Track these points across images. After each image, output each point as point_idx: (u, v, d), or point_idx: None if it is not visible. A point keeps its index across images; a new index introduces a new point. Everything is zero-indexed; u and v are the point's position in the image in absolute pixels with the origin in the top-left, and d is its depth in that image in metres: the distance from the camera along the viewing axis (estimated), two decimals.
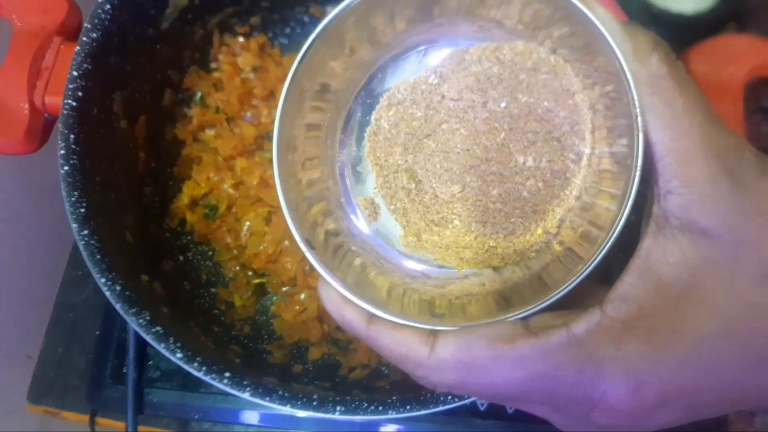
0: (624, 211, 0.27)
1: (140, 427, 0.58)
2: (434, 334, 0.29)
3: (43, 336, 0.66)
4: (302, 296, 0.56)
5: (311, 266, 0.31)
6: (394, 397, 0.39)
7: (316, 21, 0.65)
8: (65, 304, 0.67)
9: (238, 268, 0.57)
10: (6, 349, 0.66)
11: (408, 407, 0.38)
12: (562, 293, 0.28)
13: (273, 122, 0.60)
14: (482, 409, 0.58)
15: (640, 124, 0.26)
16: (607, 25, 0.27)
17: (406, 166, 0.35)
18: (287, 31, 0.65)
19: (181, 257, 0.57)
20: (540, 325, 0.28)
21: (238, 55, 0.62)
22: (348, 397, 0.39)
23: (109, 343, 0.60)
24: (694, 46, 0.49)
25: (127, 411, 0.55)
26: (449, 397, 0.38)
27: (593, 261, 0.27)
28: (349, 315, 0.31)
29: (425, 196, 0.34)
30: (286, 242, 0.57)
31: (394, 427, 0.57)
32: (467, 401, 0.38)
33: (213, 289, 0.57)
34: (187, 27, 0.57)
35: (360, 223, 0.36)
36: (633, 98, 0.26)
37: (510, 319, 0.28)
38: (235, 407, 0.57)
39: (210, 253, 0.58)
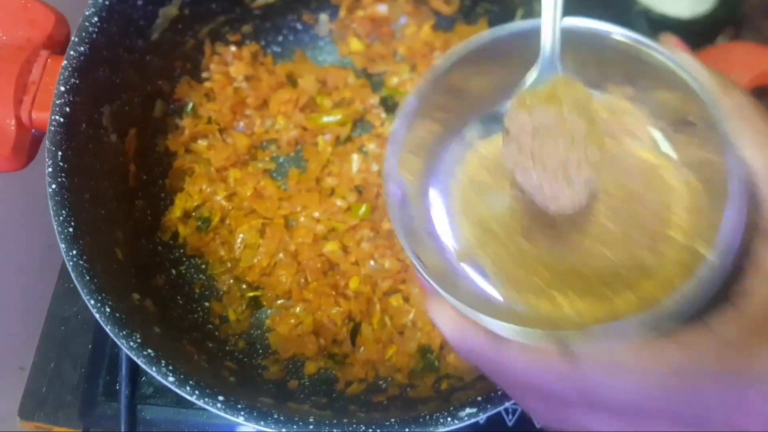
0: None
1: None
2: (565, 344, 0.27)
3: (34, 349, 0.65)
4: (297, 309, 0.55)
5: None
6: (392, 419, 0.38)
7: (308, 28, 0.64)
8: (56, 317, 0.66)
9: (231, 281, 0.56)
10: None
11: (406, 430, 0.38)
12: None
13: (266, 132, 0.60)
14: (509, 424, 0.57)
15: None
16: (693, 67, 0.29)
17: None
18: (280, 39, 0.64)
19: (173, 271, 0.56)
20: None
21: (230, 64, 0.61)
22: (345, 420, 0.38)
23: (101, 359, 0.59)
24: (693, 52, 0.48)
25: (120, 429, 0.55)
26: (449, 418, 0.38)
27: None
28: (474, 337, 0.28)
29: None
30: (281, 255, 0.56)
31: None
32: (469, 422, 0.37)
33: (206, 303, 0.56)
34: (178, 37, 0.56)
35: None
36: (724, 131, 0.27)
37: (637, 321, 0.27)
38: (231, 422, 0.56)
39: (203, 266, 0.57)
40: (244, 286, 0.56)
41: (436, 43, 0.61)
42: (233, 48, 0.61)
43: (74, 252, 0.40)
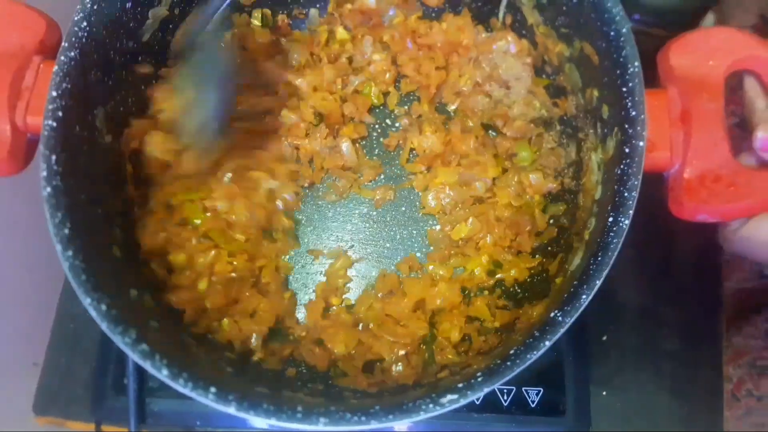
0: None
1: None
2: None
3: (46, 346, 0.68)
4: None
5: None
6: (377, 407, 0.39)
7: (299, 23, 0.65)
8: (66, 314, 0.68)
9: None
10: (12, 358, 0.67)
11: (390, 416, 0.39)
12: None
13: None
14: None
15: None
16: None
17: None
18: None
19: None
20: None
21: None
22: (333, 407, 0.40)
23: (110, 354, 0.61)
24: (675, 35, 0.48)
25: (129, 422, 0.56)
26: (431, 405, 0.39)
27: None
28: None
29: None
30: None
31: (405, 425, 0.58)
32: (445, 410, 0.39)
33: None
34: (169, 37, 0.57)
35: None
36: None
37: None
38: None
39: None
40: None
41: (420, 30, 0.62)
42: None
43: (70, 253, 0.42)
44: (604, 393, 0.63)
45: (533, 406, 0.58)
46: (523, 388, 0.58)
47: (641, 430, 0.63)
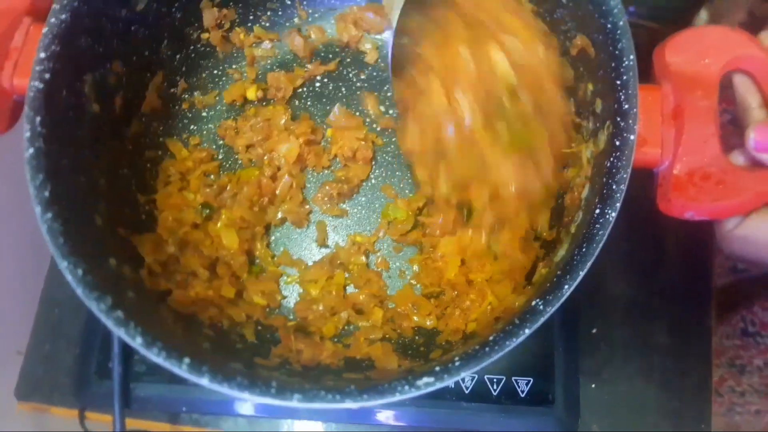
0: None
1: (131, 421, 0.59)
2: None
3: (29, 333, 0.67)
4: None
5: None
6: (352, 386, 0.39)
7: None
8: (50, 300, 0.68)
9: None
10: None
11: (365, 396, 0.38)
12: None
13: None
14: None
15: None
16: None
17: None
18: (268, 14, 0.64)
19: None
20: None
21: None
22: (307, 386, 0.39)
23: (95, 338, 0.61)
24: (669, 29, 0.48)
25: (114, 407, 0.56)
26: (406, 387, 0.39)
27: None
28: None
29: None
30: None
31: (390, 412, 0.59)
32: (420, 393, 0.38)
33: None
34: (164, 8, 0.57)
35: None
36: None
37: None
38: (224, 399, 0.58)
39: None
40: None
41: None
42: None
43: (49, 215, 0.41)
44: (593, 385, 0.63)
45: (522, 395, 0.58)
46: (513, 378, 0.58)
47: (629, 423, 0.63)
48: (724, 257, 0.65)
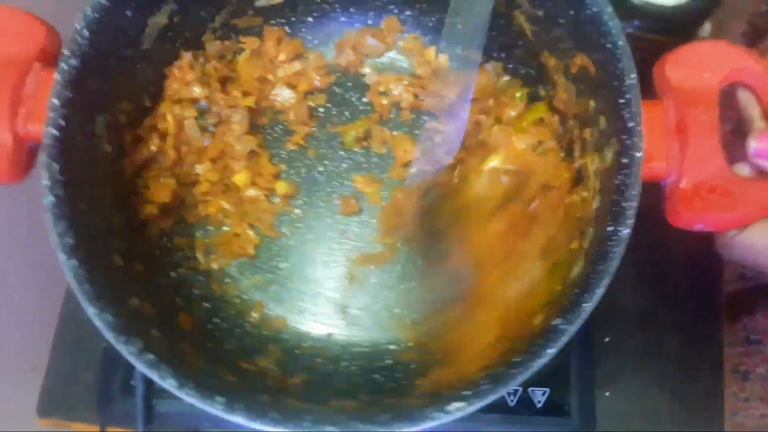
0: None
1: None
2: None
3: (49, 349, 0.67)
4: None
5: None
6: (385, 415, 0.40)
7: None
8: (69, 317, 0.68)
9: None
10: (14, 362, 0.66)
11: (397, 424, 0.39)
12: None
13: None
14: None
15: None
16: None
17: None
18: None
19: (172, 274, 0.58)
20: None
21: None
22: (341, 417, 0.40)
23: (117, 356, 0.60)
24: (674, 42, 0.49)
25: (137, 423, 0.56)
26: (435, 413, 0.39)
27: None
28: None
29: None
30: None
31: None
32: (450, 418, 0.39)
33: (206, 304, 0.57)
34: (168, 45, 0.57)
35: None
36: None
37: None
38: None
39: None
40: None
41: None
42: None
43: (75, 262, 0.42)
44: (607, 394, 0.64)
45: (539, 406, 0.59)
46: (530, 389, 0.59)
47: (644, 431, 0.64)
48: (734, 266, 0.66)
